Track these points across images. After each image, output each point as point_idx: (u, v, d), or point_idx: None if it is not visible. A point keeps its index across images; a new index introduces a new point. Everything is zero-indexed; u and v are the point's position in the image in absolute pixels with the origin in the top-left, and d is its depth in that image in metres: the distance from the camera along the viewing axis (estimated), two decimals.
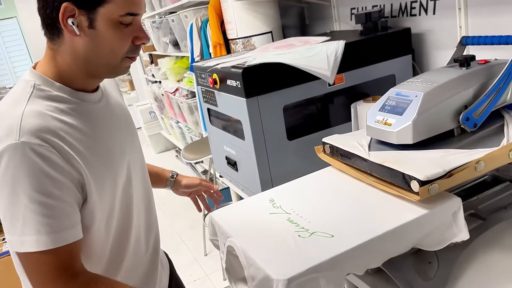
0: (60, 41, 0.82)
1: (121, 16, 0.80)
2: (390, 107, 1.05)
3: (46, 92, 0.83)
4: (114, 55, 0.84)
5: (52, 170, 0.76)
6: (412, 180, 0.88)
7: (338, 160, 1.15)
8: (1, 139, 0.75)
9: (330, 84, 1.48)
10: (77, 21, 0.79)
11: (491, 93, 1.03)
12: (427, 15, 1.62)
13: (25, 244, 0.76)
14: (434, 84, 1.02)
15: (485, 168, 0.92)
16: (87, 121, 0.86)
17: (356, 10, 1.97)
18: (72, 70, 0.84)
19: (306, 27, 2.41)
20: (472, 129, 1.02)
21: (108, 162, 0.88)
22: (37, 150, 0.74)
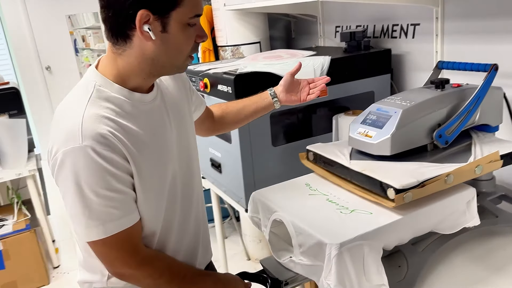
0: (126, 46, 0.86)
1: (190, 18, 0.86)
2: (371, 121, 1.15)
3: (105, 93, 0.88)
4: (181, 55, 0.90)
5: (114, 168, 0.84)
6: (388, 188, 0.97)
7: (320, 167, 1.24)
8: (64, 141, 0.82)
9: None
10: (152, 27, 0.83)
11: (462, 114, 1.14)
12: (407, 38, 1.74)
13: (92, 233, 0.85)
14: (412, 102, 1.12)
15: (454, 181, 1.03)
16: (140, 121, 0.91)
17: (340, 28, 2.08)
18: (134, 71, 0.89)
19: (292, 40, 2.51)
20: (443, 145, 1.13)
21: (157, 160, 0.94)
22: (99, 151, 0.82)
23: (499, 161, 1.09)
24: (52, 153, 0.84)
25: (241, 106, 1.28)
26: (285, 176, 1.55)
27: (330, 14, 2.14)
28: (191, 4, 0.85)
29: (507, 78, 1.40)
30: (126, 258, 0.91)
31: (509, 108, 1.32)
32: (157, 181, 0.95)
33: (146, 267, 0.93)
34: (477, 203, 1.08)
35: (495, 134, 1.32)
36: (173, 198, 1.00)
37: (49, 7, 5.06)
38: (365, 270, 0.92)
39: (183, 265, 1.03)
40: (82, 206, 0.83)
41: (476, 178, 1.14)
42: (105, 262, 0.92)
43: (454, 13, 1.53)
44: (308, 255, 0.98)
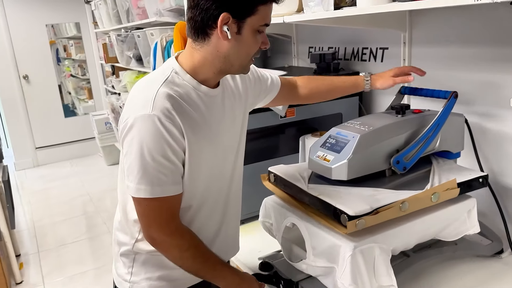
0: (205, 42, 0.98)
1: (261, 26, 0.98)
2: (330, 145, 1.14)
3: (179, 79, 1.01)
4: (247, 57, 1.02)
5: (171, 139, 0.95)
6: (342, 214, 0.96)
7: (280, 189, 1.22)
8: (138, 109, 0.95)
9: (281, 116, 1.57)
10: (229, 28, 0.95)
11: (421, 140, 1.14)
12: (376, 61, 1.76)
13: (140, 191, 0.97)
14: (370, 127, 1.12)
15: (409, 208, 1.02)
16: (201, 109, 1.03)
17: (313, 49, 2.09)
18: (205, 66, 1.01)
19: (268, 58, 2.52)
20: (401, 172, 1.13)
21: (209, 143, 1.05)
22: (164, 122, 0.94)
23: (456, 189, 1.09)
24: (124, 118, 0.97)
25: (330, 88, 1.40)
26: (251, 197, 1.53)
27: (304, 35, 2.15)
28: (264, 14, 0.97)
29: (470, 105, 1.42)
30: (162, 223, 1.01)
31: (471, 135, 1.33)
32: (204, 163, 1.05)
33: (177, 236, 1.03)
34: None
35: (456, 160, 1.32)
36: (216, 182, 1.10)
37: (29, 16, 5.01)
38: (376, 271, 0.99)
39: (209, 250, 1.10)
40: (139, 165, 0.95)
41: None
42: (143, 221, 1.02)
43: (421, 39, 1.54)
44: (321, 257, 1.04)
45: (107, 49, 4.23)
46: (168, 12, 2.67)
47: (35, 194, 4.43)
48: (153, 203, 0.98)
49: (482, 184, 1.16)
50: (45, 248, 3.26)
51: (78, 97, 6.05)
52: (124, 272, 1.14)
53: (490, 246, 1.28)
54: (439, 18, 1.46)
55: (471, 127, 1.32)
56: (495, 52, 1.32)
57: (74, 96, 6.04)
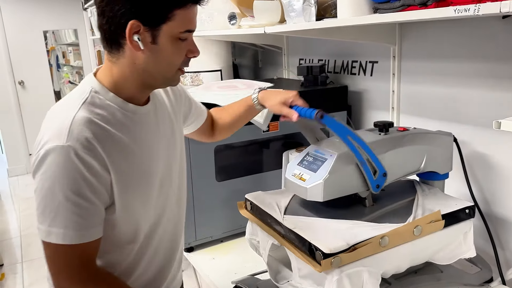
0: (119, 54, 0.88)
1: (181, 32, 0.87)
2: (307, 163, 1.07)
3: (100, 100, 0.89)
4: (171, 68, 0.90)
5: (90, 175, 0.83)
6: (316, 251, 0.89)
7: (257, 218, 1.15)
8: (50, 139, 0.82)
9: (264, 130, 1.50)
10: (142, 37, 0.84)
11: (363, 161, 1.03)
12: (365, 75, 1.69)
13: (52, 235, 0.83)
14: None
15: (390, 243, 0.95)
16: (130, 132, 0.92)
17: (304, 61, 2.04)
18: (127, 81, 0.91)
19: (259, 69, 2.47)
20: (375, 191, 1.05)
21: (143, 172, 0.94)
22: (80, 155, 0.82)
23: (441, 221, 1.02)
24: (37, 148, 0.85)
25: (233, 117, 1.26)
26: (230, 213, 1.45)
27: (294, 47, 2.09)
28: (183, 19, 0.86)
29: (460, 123, 1.35)
30: (74, 271, 0.87)
31: (460, 155, 1.26)
32: (143, 192, 0.94)
33: (90, 286, 0.90)
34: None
35: (444, 182, 1.25)
36: (161, 210, 1.00)
37: (26, 22, 4.99)
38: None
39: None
40: (50, 205, 0.83)
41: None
42: (51, 268, 0.89)
43: (411, 53, 1.48)
44: (307, 278, 0.97)
45: (101, 57, 4.19)
46: None
47: (25, 201, 4.37)
48: (65, 249, 0.84)
49: (469, 215, 1.08)
50: (29, 258, 3.18)
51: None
52: None
53: (479, 274, 1.20)
54: (429, 32, 1.40)
55: (461, 147, 1.25)
56: (487, 67, 1.25)
57: None
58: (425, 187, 1.18)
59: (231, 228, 1.54)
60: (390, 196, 1.13)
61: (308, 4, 1.20)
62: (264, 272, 1.26)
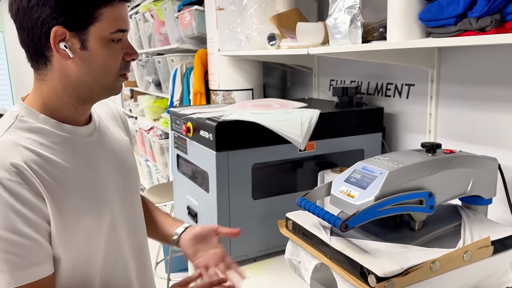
0: (48, 69, 0.81)
1: (112, 33, 0.80)
2: (355, 180, 1.07)
3: (28, 123, 0.80)
4: (108, 74, 0.83)
5: (21, 206, 0.73)
6: (369, 274, 0.88)
7: (299, 238, 1.14)
8: None
9: (300, 149, 1.50)
10: (69, 44, 0.78)
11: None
12: (401, 98, 1.69)
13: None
14: (400, 164, 1.04)
15: (440, 268, 0.93)
16: (69, 155, 0.82)
17: (335, 82, 2.05)
18: (60, 98, 0.82)
19: (287, 89, 2.48)
20: (429, 213, 1.04)
21: (87, 201, 0.84)
22: (6, 184, 0.71)
23: (490, 247, 1.00)
24: None
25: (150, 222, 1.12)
26: (264, 232, 1.45)
27: (325, 67, 2.11)
28: (112, 18, 0.79)
29: (503, 148, 1.33)
30: None
31: (503, 181, 1.24)
32: (89, 224, 0.83)
33: None
34: None
35: (488, 207, 1.23)
36: (115, 246, 0.90)
37: None
38: None
39: None
40: None
41: None
42: None
43: (450, 77, 1.48)
44: None
45: None
46: (189, 40, 2.67)
47: None
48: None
49: None
50: None
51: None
52: None
53: None
54: (470, 56, 1.40)
55: (504, 173, 1.24)
56: None
57: None
58: (470, 213, 1.17)
59: (265, 247, 1.52)
60: (436, 220, 1.11)
61: (355, 27, 1.21)
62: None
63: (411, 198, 1.01)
